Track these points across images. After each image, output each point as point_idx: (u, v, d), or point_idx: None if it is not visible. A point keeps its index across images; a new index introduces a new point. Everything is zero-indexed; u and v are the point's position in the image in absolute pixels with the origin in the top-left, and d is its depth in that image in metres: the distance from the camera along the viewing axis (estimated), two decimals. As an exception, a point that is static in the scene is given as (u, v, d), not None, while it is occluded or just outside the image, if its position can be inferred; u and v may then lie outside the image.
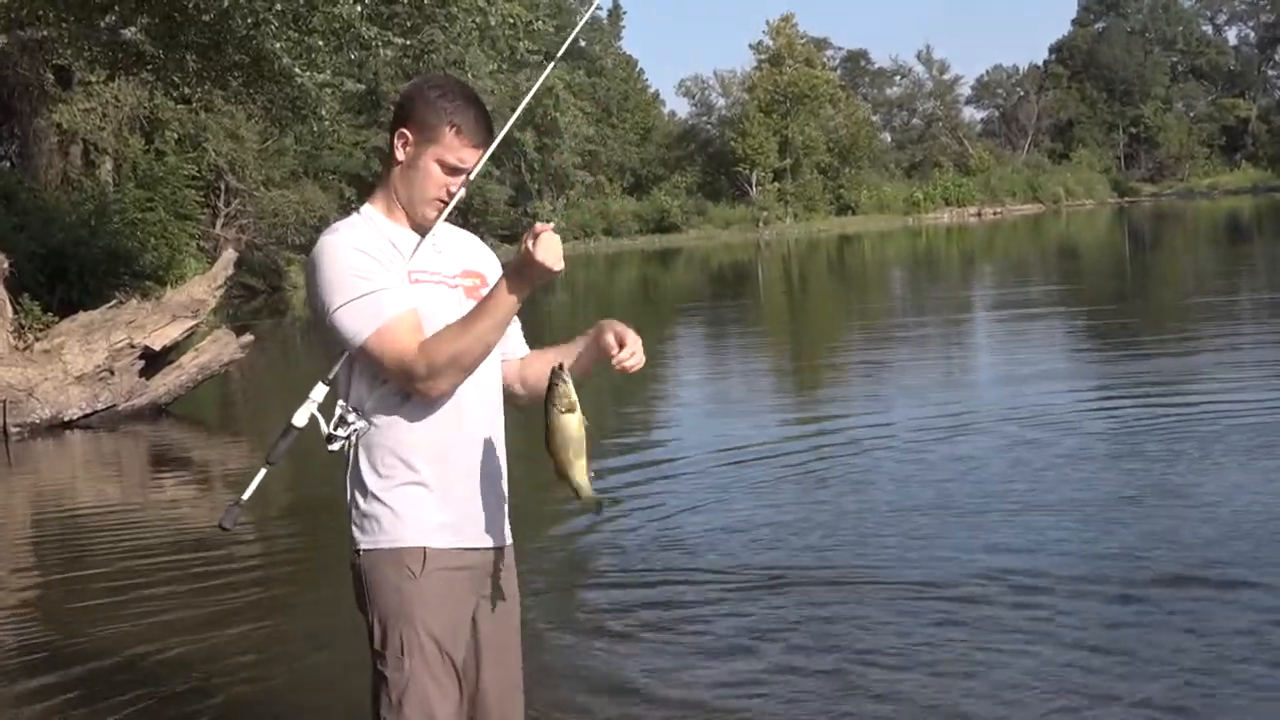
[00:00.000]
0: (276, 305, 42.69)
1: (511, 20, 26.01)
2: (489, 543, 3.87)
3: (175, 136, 41.78)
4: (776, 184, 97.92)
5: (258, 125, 44.46)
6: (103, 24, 21.22)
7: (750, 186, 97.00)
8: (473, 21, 23.55)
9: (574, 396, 3.65)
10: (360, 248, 3.74)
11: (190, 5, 19.62)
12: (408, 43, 22.59)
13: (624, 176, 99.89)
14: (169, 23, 20.78)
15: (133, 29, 21.02)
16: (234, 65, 21.85)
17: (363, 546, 3.75)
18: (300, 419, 3.81)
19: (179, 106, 39.00)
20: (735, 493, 10.57)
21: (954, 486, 10.26)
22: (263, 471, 3.89)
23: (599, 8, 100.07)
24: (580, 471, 3.67)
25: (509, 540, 3.97)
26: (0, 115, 39.58)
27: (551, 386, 3.67)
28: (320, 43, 21.15)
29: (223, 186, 50.77)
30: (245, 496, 3.92)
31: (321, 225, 50.82)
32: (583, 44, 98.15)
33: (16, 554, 10.51)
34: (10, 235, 24.42)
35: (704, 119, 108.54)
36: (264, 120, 31.64)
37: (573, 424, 3.65)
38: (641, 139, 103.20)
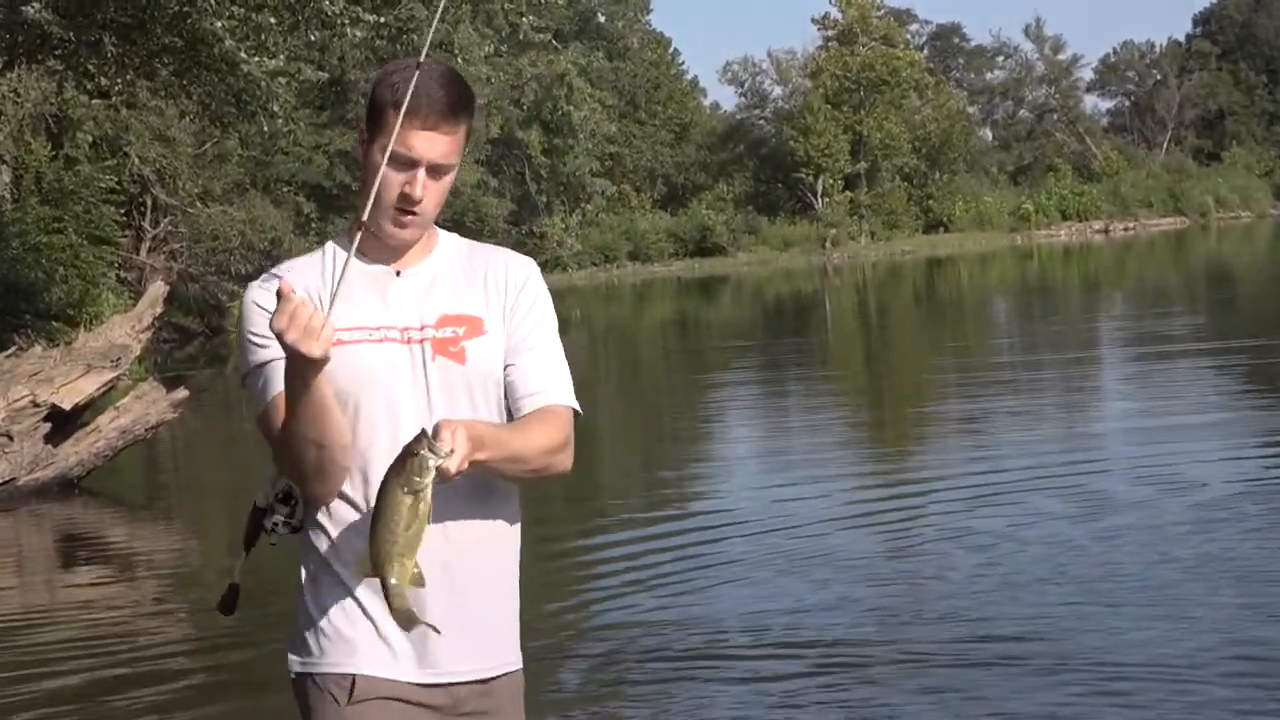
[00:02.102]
0: (216, 351, 42.81)
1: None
2: (453, 675, 3.81)
3: (90, 139, 42.09)
4: (848, 194, 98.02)
5: (193, 125, 44.68)
6: (-1, -1, 21.42)
7: (815, 197, 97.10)
8: (461, -8, 23.71)
9: (427, 478, 3.43)
10: (262, 303, 3.73)
11: (108, -25, 19.79)
12: (381, 20, 22.77)
13: (654, 185, 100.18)
14: (82, -2, 20.99)
15: (36, 5, 21.18)
16: (164, 50, 22.03)
17: (291, 668, 3.83)
18: (263, 498, 3.87)
19: (94, 102, 39.21)
20: (814, 564, 11.31)
21: (1077, 555, 10.82)
22: (244, 556, 3.94)
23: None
24: (400, 572, 3.50)
25: (505, 669, 3.92)
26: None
27: (405, 455, 3.45)
28: (272, 20, 21.33)
29: (149, 202, 51.08)
30: (237, 577, 4.02)
31: (273, 249, 51.23)
32: (601, 19, 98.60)
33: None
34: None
35: (755, 112, 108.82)
36: (201, 118, 31.83)
37: (407, 509, 3.46)
38: (676, 138, 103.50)
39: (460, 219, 71.44)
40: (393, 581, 3.50)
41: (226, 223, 52.70)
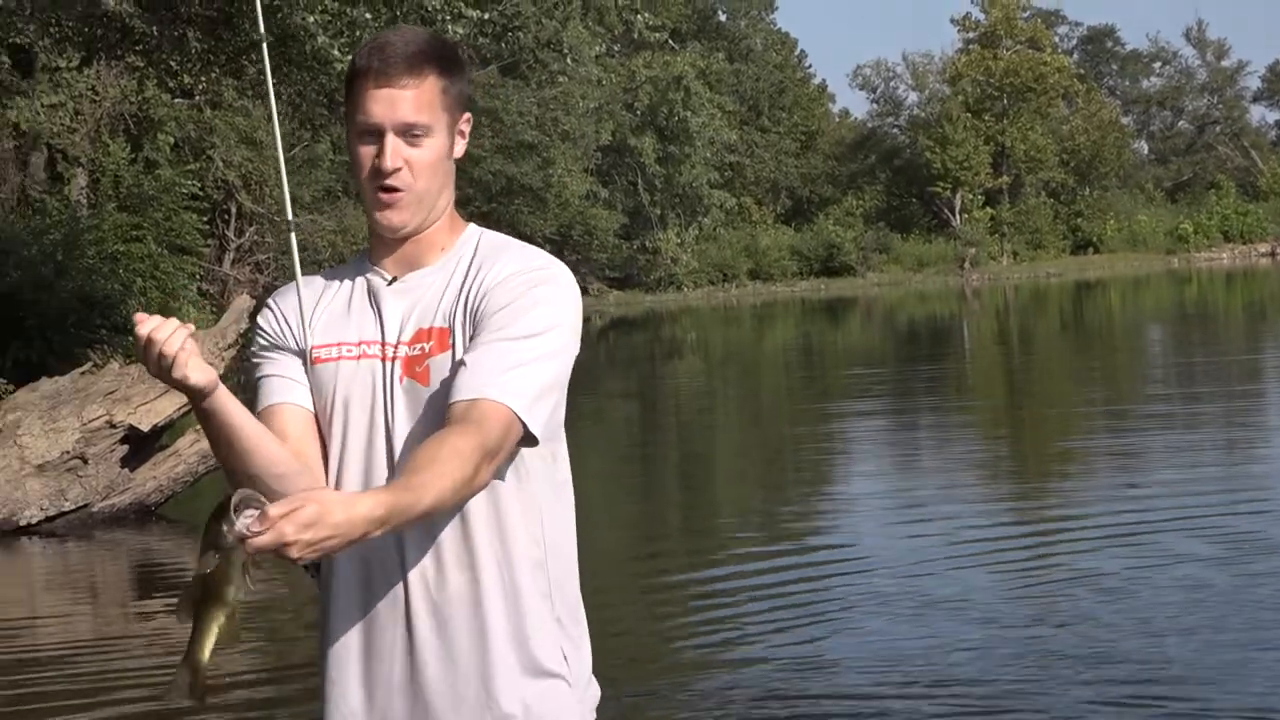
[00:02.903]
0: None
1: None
2: None
3: (171, 142, 42.52)
4: (989, 210, 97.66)
5: (282, 127, 45.07)
6: (79, -11, 21.69)
7: (953, 213, 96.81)
8: (573, -14, 23.81)
9: (233, 544, 3.21)
10: (261, 323, 3.83)
11: (194, -35, 20.02)
12: (484, 16, 22.87)
13: (778, 199, 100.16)
14: (165, -11, 21.22)
15: (117, -3, 21.46)
16: (251, 46, 22.22)
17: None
18: None
19: (176, 102, 39.66)
20: (942, 604, 11.51)
21: (1223, 600, 10.86)
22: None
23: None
24: (211, 632, 3.33)
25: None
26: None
27: (218, 515, 3.24)
28: (367, 15, 21.50)
29: (233, 209, 51.53)
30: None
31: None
32: (723, 19, 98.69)
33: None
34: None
35: (889, 119, 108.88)
36: (290, 120, 32.10)
37: (224, 572, 3.28)
38: (802, 147, 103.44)
39: (568, 231, 71.65)
40: (202, 632, 3.33)
41: (316, 232, 53.06)
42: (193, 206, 38.77)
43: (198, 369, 3.40)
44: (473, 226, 3.81)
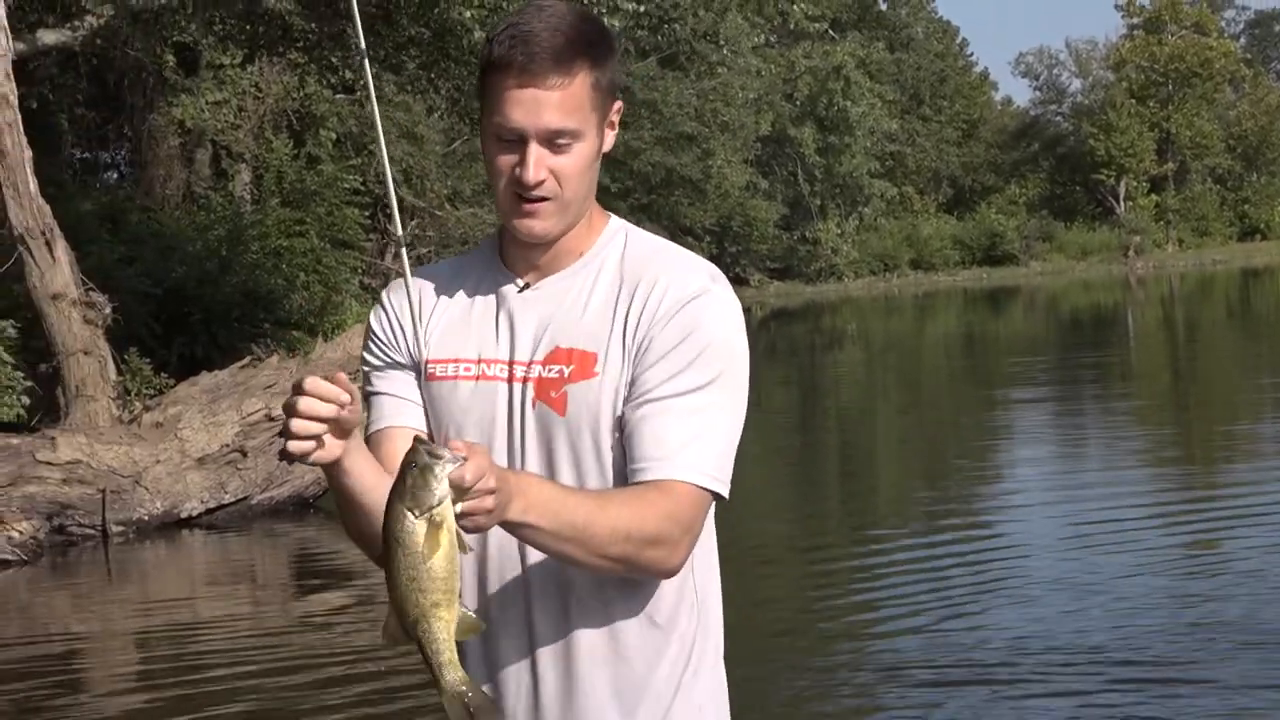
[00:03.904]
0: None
1: (783, -25, 26.13)
2: None
3: (333, 137, 42.84)
4: (1153, 197, 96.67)
5: (442, 122, 45.32)
6: (240, -13, 21.93)
7: (1117, 201, 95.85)
8: (730, -23, 23.75)
9: (437, 490, 2.74)
10: (373, 325, 3.43)
11: (351, -38, 20.13)
12: (641, 9, 22.87)
13: (939, 188, 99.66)
14: (324, -14, 21.40)
15: (277, -6, 21.67)
16: (410, 41, 22.37)
17: None
18: None
19: (338, 97, 39.99)
20: (1103, 585, 11.83)
21: None
22: None
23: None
24: (441, 630, 2.82)
25: None
26: (106, 110, 40.87)
27: (402, 469, 2.78)
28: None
29: (396, 204, 51.85)
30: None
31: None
32: (883, 7, 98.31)
33: (122, 699, 10.81)
34: (116, 270, 25.09)
35: (1052, 107, 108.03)
36: (450, 115, 32.28)
37: (423, 540, 2.76)
38: (964, 136, 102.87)
39: (728, 222, 71.63)
40: (437, 646, 2.81)
41: (477, 226, 53.19)
42: (354, 201, 38.98)
43: (332, 450, 2.99)
44: (614, 221, 3.37)
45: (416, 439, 2.79)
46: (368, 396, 3.33)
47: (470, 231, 52.61)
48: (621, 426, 3.16)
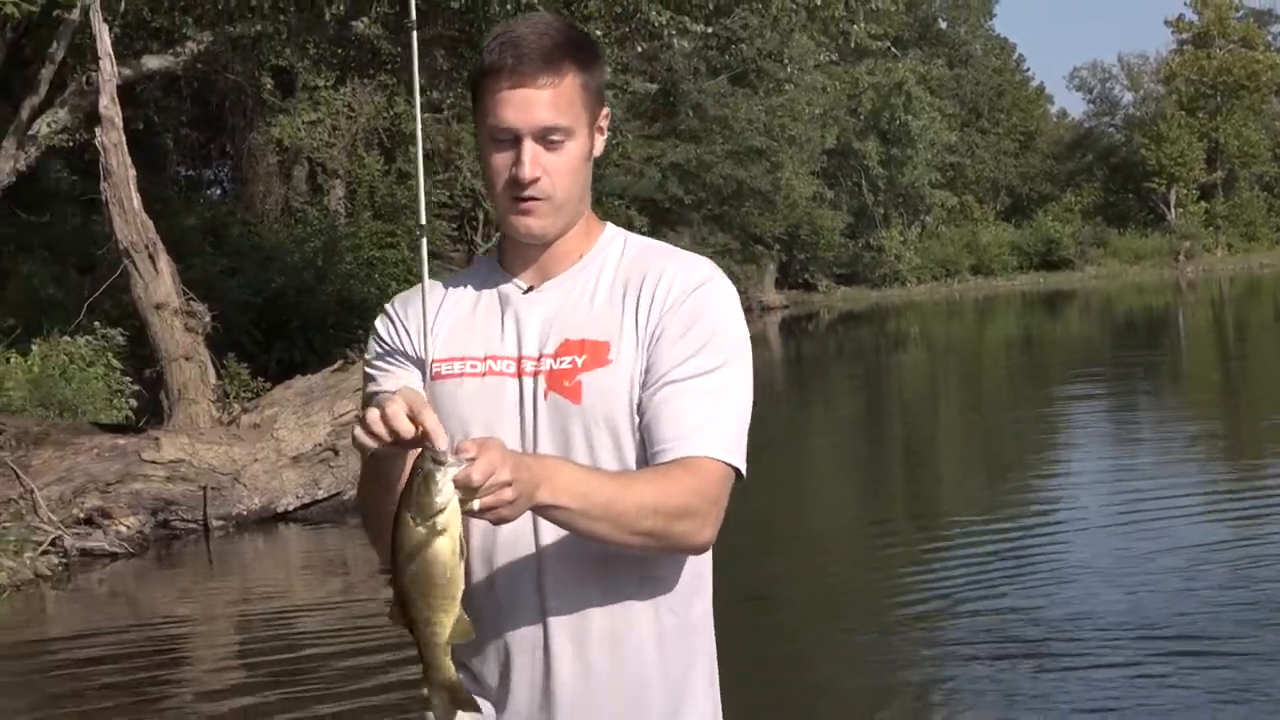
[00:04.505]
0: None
1: (844, -3, 26.12)
2: None
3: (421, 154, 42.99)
4: (1203, 204, 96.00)
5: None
6: (329, 15, 22.07)
7: (1168, 208, 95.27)
8: (794, 1, 23.73)
9: (438, 497, 2.69)
10: (379, 330, 3.38)
11: (435, -11, 20.29)
12: (709, 30, 22.88)
13: (997, 197, 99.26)
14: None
15: (365, 20, 21.82)
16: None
17: None
18: None
19: (425, 116, 40.15)
20: (1157, 565, 12.03)
21: None
22: None
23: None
24: (435, 632, 2.78)
25: None
26: (208, 130, 41.20)
27: (410, 479, 2.75)
28: (598, 32, 21.61)
29: (480, 216, 52.04)
30: None
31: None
32: (943, 26, 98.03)
33: (224, 675, 10.94)
34: (218, 280, 25.29)
35: (1105, 119, 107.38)
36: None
37: (422, 544, 2.72)
38: (1021, 147, 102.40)
39: (796, 231, 71.54)
40: (433, 651, 2.79)
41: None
42: (442, 214, 39.17)
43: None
44: (610, 227, 3.33)
45: (425, 446, 2.74)
46: (370, 397, 3.22)
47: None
48: (640, 412, 3.10)
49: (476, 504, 2.71)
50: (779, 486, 18.75)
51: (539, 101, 3.06)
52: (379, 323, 3.36)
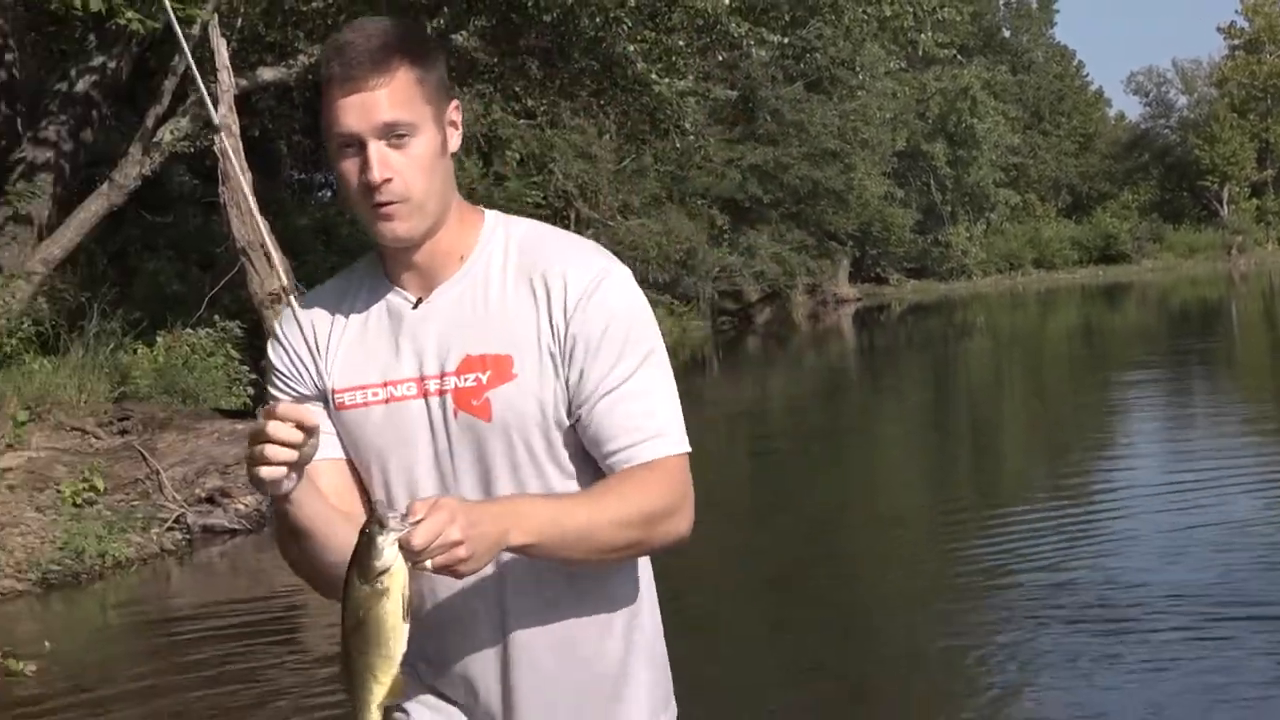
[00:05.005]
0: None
1: (912, 8, 26.06)
2: None
3: (517, 157, 43.11)
4: (1254, 201, 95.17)
5: (612, 142, 45.46)
6: (430, 28, 22.17)
7: (1220, 205, 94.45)
8: (865, 11, 23.68)
9: (379, 561, 2.54)
10: (273, 360, 3.09)
11: (530, 4, 20.34)
12: (785, 40, 22.86)
13: (1058, 195, 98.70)
14: (506, 25, 21.58)
15: (464, 33, 21.92)
16: (582, 72, 22.52)
17: None
18: None
19: (520, 122, 40.26)
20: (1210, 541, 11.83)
21: None
22: None
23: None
24: (371, 691, 2.62)
25: None
26: (319, 137, 41.37)
27: (360, 538, 2.57)
28: (681, 43, 21.64)
29: (573, 215, 52.07)
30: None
31: (688, 259, 51.89)
32: (1006, 35, 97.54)
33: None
34: (328, 277, 25.25)
35: (1160, 121, 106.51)
36: (619, 136, 32.42)
37: (365, 605, 2.57)
38: (1080, 148, 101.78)
39: (868, 228, 71.35)
40: (365, 697, 2.61)
41: (644, 234, 53.31)
42: (537, 214, 39.14)
43: (294, 480, 2.73)
44: (489, 217, 3.04)
45: (375, 503, 2.69)
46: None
47: (639, 240, 52.79)
48: (580, 427, 2.90)
49: (429, 564, 2.57)
50: (855, 467, 18.76)
51: (373, 102, 2.82)
52: (271, 353, 3.08)
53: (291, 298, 3.00)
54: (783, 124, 58.11)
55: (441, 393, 2.89)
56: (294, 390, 3.01)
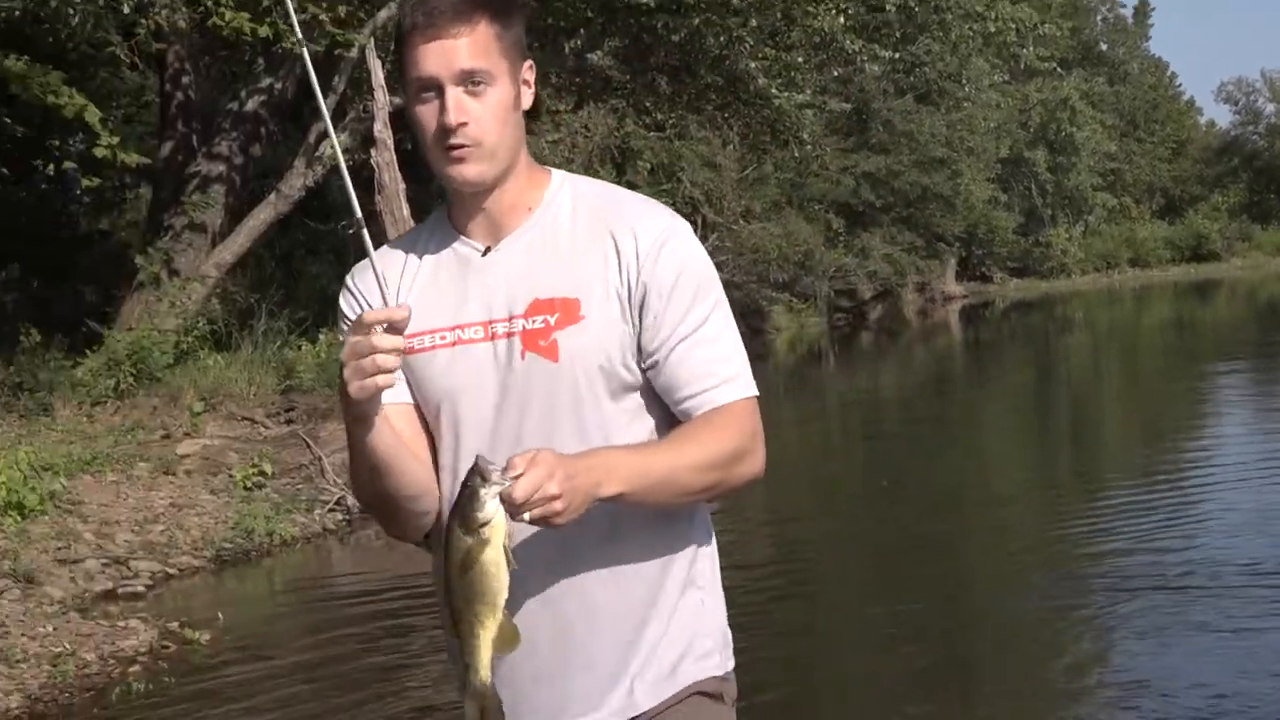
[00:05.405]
0: (755, 351, 43.38)
1: (1015, 25, 25.82)
2: None
3: (648, 167, 43.13)
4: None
5: (735, 152, 45.38)
6: (568, 49, 22.24)
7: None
8: (970, 28, 23.52)
9: (481, 512, 2.48)
10: (345, 310, 2.99)
11: (659, 25, 20.37)
12: (897, 55, 22.77)
13: (1153, 198, 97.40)
14: (638, 45, 21.63)
15: (599, 53, 21.98)
16: (708, 88, 22.54)
17: None
18: None
19: (651, 134, 40.29)
20: None
21: None
22: None
23: (1121, 5, 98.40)
24: (477, 638, 2.54)
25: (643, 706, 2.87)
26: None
27: (463, 491, 2.52)
28: (799, 59, 21.59)
29: (699, 220, 51.98)
30: None
31: (806, 260, 51.72)
32: (1103, 48, 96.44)
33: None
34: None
35: (1249, 128, 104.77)
36: (742, 147, 32.38)
37: (467, 556, 2.51)
38: (1173, 154, 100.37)
39: (973, 230, 70.81)
40: (476, 654, 2.54)
41: (765, 238, 53.23)
42: (666, 219, 39.22)
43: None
44: (555, 174, 2.95)
45: (478, 457, 2.53)
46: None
47: (760, 243, 52.71)
48: (655, 373, 2.81)
49: (527, 517, 2.50)
50: (962, 451, 18.62)
51: (454, 49, 2.74)
52: (344, 303, 2.98)
53: (366, 241, 2.85)
54: (894, 134, 57.78)
55: (509, 335, 2.80)
56: None
